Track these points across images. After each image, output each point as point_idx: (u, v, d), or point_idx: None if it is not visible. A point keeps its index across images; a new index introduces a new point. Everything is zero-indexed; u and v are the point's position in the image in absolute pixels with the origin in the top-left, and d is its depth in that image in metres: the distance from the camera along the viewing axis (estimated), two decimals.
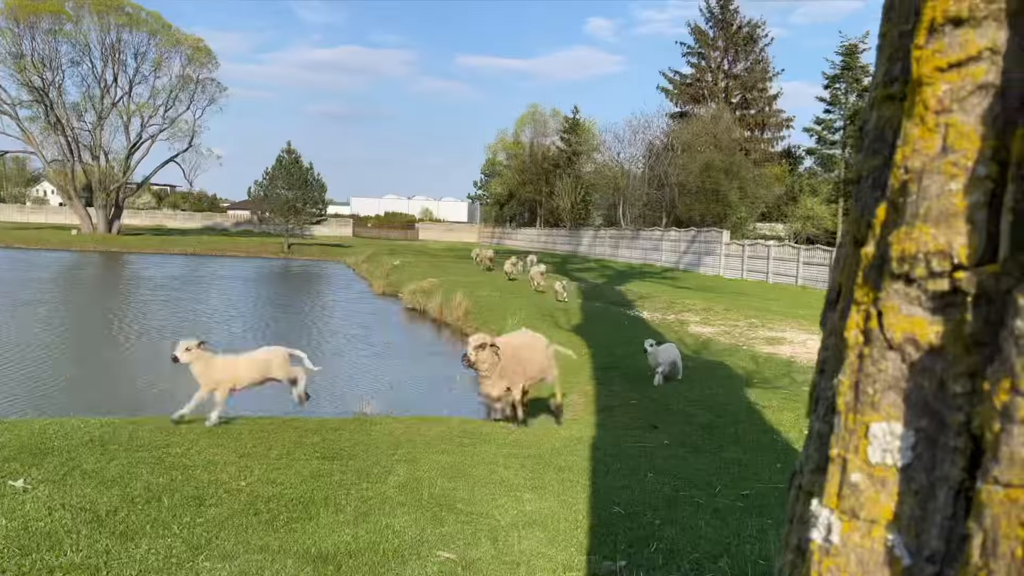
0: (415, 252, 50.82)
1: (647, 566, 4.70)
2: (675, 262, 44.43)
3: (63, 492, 5.38)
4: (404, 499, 5.69)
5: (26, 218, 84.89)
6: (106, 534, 4.78)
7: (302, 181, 56.09)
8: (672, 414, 9.46)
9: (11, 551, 4.46)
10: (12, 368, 14.40)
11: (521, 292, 24.66)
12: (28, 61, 56.40)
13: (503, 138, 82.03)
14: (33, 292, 27.71)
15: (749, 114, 57.67)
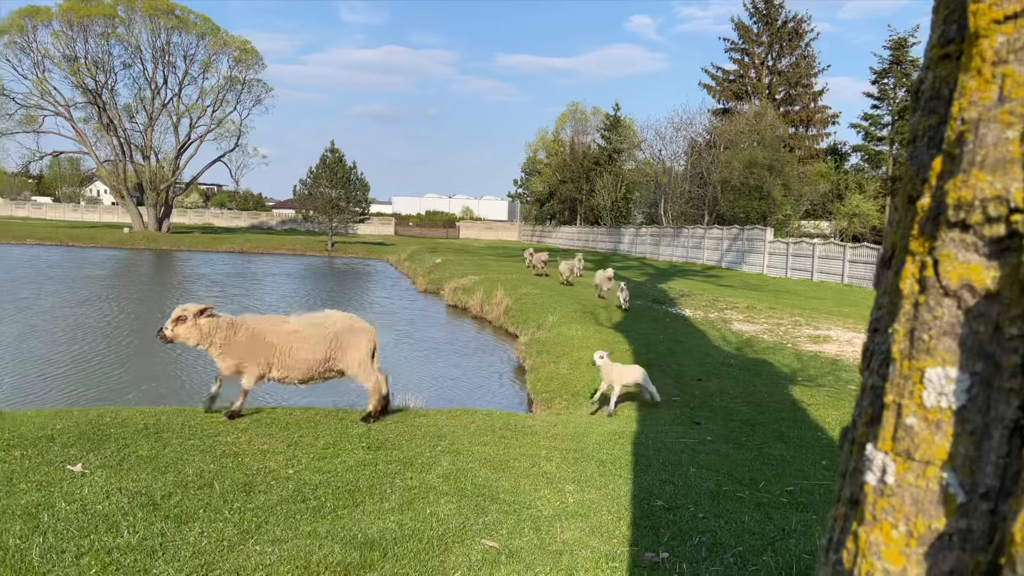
0: (456, 250, 51.09)
1: (690, 559, 4.70)
2: (717, 260, 43.97)
3: (119, 477, 5.56)
4: (448, 488, 5.75)
5: (80, 217, 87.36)
6: (161, 517, 4.93)
7: (345, 180, 56.76)
8: (714, 411, 9.39)
9: (71, 532, 4.63)
10: (74, 360, 14.88)
11: (563, 289, 24.64)
12: (82, 64, 58.01)
13: (543, 136, 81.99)
14: (93, 289, 28.54)
15: (793, 110, 56.81)
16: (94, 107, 60.07)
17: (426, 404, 9.67)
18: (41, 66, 58.15)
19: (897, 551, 0.69)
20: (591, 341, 14.40)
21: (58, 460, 5.79)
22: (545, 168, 79.89)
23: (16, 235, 54.00)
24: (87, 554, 4.37)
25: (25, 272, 33.68)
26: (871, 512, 0.72)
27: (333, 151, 57.15)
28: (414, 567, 4.43)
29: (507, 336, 19.88)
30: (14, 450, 5.93)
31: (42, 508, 4.92)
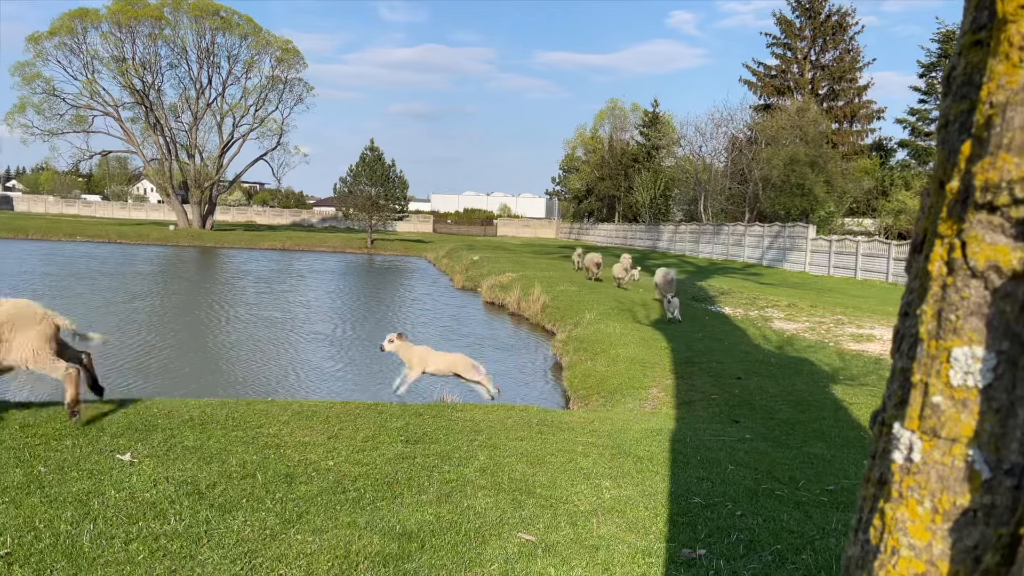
0: (494, 248, 51.23)
1: (727, 556, 4.68)
2: (758, 258, 43.43)
3: (166, 466, 5.71)
4: (485, 482, 5.80)
5: (128, 214, 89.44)
6: (206, 506, 5.05)
7: (384, 178, 57.27)
8: (754, 409, 9.30)
9: (120, 519, 4.77)
10: (124, 352, 15.27)
11: (599, 287, 24.56)
12: (130, 64, 59.39)
13: (582, 133, 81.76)
14: (143, 285, 29.26)
15: (837, 106, 55.78)
16: (141, 107, 61.48)
17: (463, 399, 9.74)
18: (90, 67, 59.72)
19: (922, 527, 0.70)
20: (629, 338, 14.36)
21: (108, 449, 5.96)
22: (583, 165, 79.67)
23: (67, 232, 55.51)
24: (135, 540, 4.51)
25: (79, 268, 34.64)
26: (898, 490, 0.73)
27: (372, 149, 57.69)
28: (451, 559, 4.48)
29: (544, 333, 19.91)
30: (66, 439, 6.12)
31: (92, 495, 5.08)
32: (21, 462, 5.56)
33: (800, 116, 48.95)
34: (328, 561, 4.33)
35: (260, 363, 15.28)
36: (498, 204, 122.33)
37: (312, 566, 4.27)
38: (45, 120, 58.96)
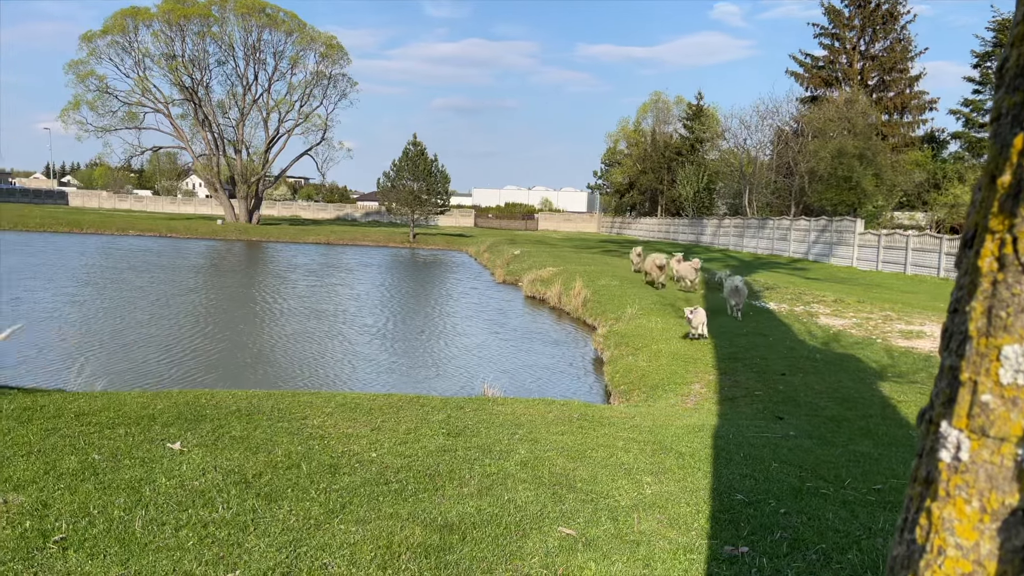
0: (535, 242, 51.20)
1: (771, 554, 4.62)
2: (804, 252, 42.69)
3: (214, 455, 5.85)
4: (525, 476, 5.82)
5: (178, 209, 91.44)
6: (252, 495, 5.16)
7: (427, 172, 57.62)
8: (798, 406, 9.17)
9: (170, 506, 4.90)
10: (177, 343, 15.66)
11: (640, 280, 24.40)
12: (179, 62, 60.64)
13: (624, 126, 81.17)
14: (199, 278, 29.93)
15: (887, 96, 54.44)
16: (190, 104, 62.75)
17: (504, 392, 9.77)
18: (142, 64, 61.12)
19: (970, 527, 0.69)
20: (671, 334, 14.25)
21: (159, 438, 6.12)
22: (626, 159, 79.13)
23: (119, 226, 56.95)
24: (185, 527, 4.63)
25: (136, 262, 35.54)
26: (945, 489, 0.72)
27: (415, 144, 58.06)
28: (492, 551, 4.51)
29: (585, 327, 19.85)
30: (119, 428, 6.30)
31: (144, 483, 5.23)
32: (76, 450, 5.74)
33: (848, 107, 47.91)
34: (371, 551, 4.39)
35: (306, 355, 15.52)
36: (539, 198, 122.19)
37: (355, 555, 4.33)
38: (98, 117, 60.61)
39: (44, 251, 38.55)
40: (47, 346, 15.09)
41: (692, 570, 4.38)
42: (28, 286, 24.15)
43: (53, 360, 13.79)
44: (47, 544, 4.28)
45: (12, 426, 6.15)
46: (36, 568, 3.98)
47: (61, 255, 36.85)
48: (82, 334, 16.48)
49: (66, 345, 15.16)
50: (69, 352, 14.47)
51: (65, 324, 17.72)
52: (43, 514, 4.64)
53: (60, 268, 30.80)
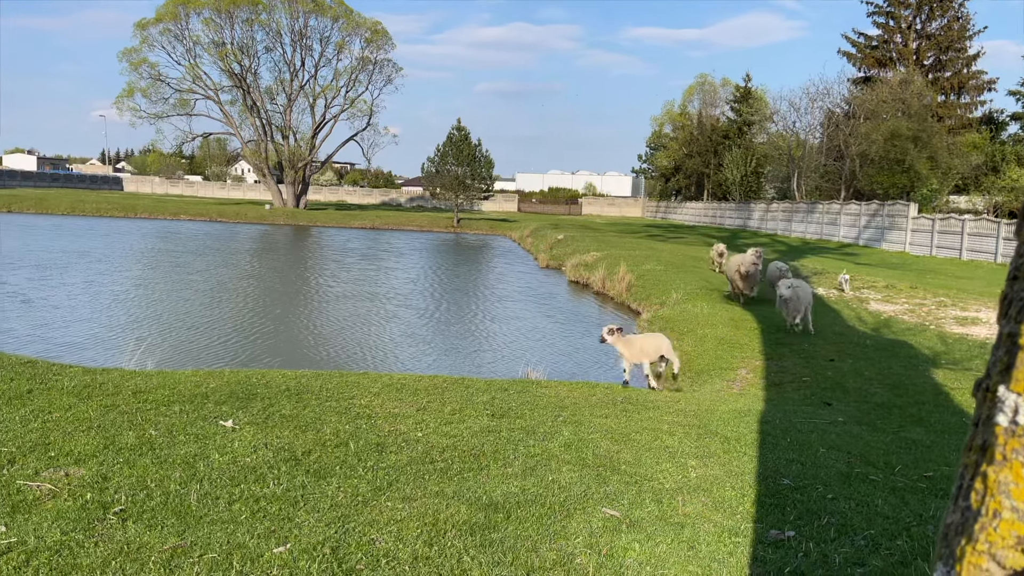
0: (578, 227, 50.98)
1: (817, 538, 4.58)
2: (854, 237, 41.77)
3: (265, 433, 5.99)
4: (569, 457, 5.84)
5: (227, 194, 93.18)
6: (302, 471, 5.28)
7: (471, 157, 57.71)
8: (847, 392, 9.02)
9: (223, 481, 5.04)
10: (232, 325, 16.02)
11: (685, 265, 24.17)
12: (229, 49, 61.59)
13: (670, 110, 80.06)
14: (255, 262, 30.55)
15: (944, 77, 52.76)
16: (239, 90, 63.75)
17: (547, 376, 9.80)
18: (192, 52, 62.24)
19: None
20: (717, 319, 14.11)
21: (212, 416, 6.29)
22: (671, 142, 78.14)
23: (172, 211, 58.28)
24: (238, 501, 4.76)
25: (193, 246, 36.34)
26: (1001, 452, 0.72)
27: (459, 129, 58.16)
28: (536, 530, 4.55)
29: (629, 312, 19.75)
30: (174, 405, 6.49)
31: (198, 458, 5.39)
32: (134, 425, 5.93)
33: (903, 88, 46.57)
34: (417, 528, 4.46)
35: (352, 337, 15.77)
36: (583, 183, 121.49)
37: (402, 532, 4.41)
38: (151, 104, 61.96)
39: (108, 235, 39.66)
40: (111, 327, 15.57)
41: (737, 553, 4.37)
42: (98, 269, 24.89)
43: (113, 340, 14.23)
44: (107, 515, 4.45)
45: (73, 402, 6.38)
46: (97, 538, 4.14)
47: (123, 239, 37.86)
48: (145, 316, 16.96)
49: (128, 326, 15.63)
50: (129, 332, 14.92)
51: (132, 306, 18.24)
52: (103, 487, 4.82)
53: (125, 252, 31.67)
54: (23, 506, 4.48)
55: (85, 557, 3.92)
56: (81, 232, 39.60)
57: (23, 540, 4.05)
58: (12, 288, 19.10)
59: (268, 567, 3.93)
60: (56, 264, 25.29)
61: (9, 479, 4.83)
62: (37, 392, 6.59)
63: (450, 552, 4.21)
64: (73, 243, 33.85)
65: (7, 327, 13.98)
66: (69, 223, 46.07)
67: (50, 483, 4.81)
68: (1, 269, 23.08)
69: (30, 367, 7.43)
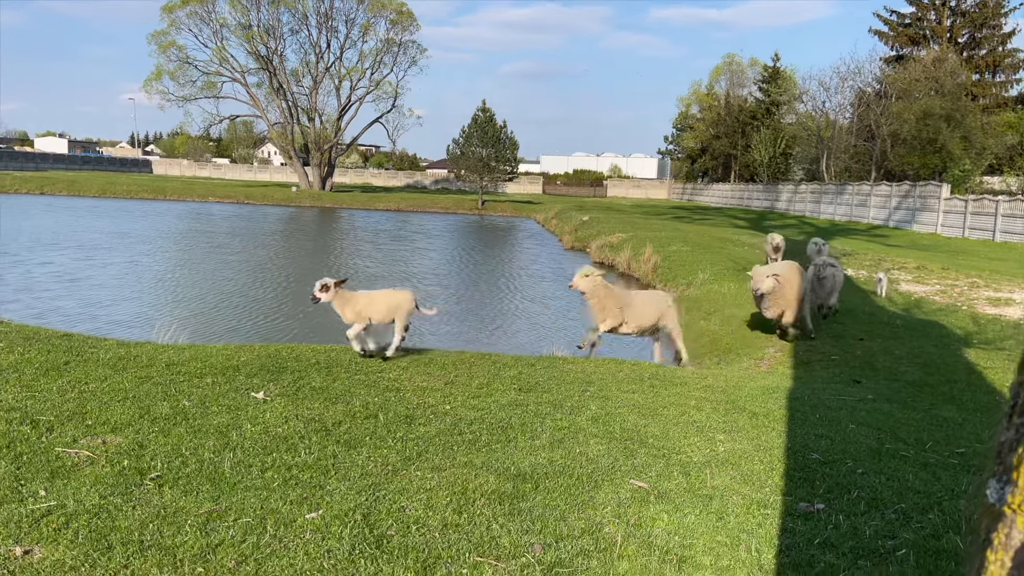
0: (603, 208, 50.74)
1: (847, 512, 4.56)
2: (884, 219, 41.16)
3: (296, 404, 6.07)
4: (596, 431, 5.86)
5: (254, 176, 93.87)
6: (332, 442, 5.35)
7: (495, 139, 57.55)
8: (877, 371, 8.93)
9: (256, 450, 5.12)
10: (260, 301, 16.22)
11: (712, 246, 24.00)
12: (255, 31, 61.81)
13: (697, 90, 79.21)
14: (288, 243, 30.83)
15: (978, 55, 51.59)
16: (266, 72, 64.04)
17: (573, 353, 9.80)
18: (219, 35, 62.55)
19: None
20: (744, 299, 13.99)
21: (243, 388, 6.38)
22: (698, 123, 77.33)
23: (200, 193, 58.86)
24: (270, 469, 4.84)
25: (227, 227, 36.67)
26: None
27: (484, 110, 58.00)
28: (565, 500, 4.58)
29: None
30: (206, 377, 6.59)
31: (231, 428, 5.47)
32: (168, 396, 6.04)
33: (936, 67, 45.63)
34: (447, 496, 4.50)
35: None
36: (608, 165, 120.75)
37: (432, 500, 4.46)
38: (179, 87, 62.47)
39: (145, 216, 40.13)
40: (156, 305, 15.82)
41: (766, 524, 4.37)
42: (141, 250, 25.22)
43: (158, 318, 14.47)
44: (144, 480, 4.54)
45: (108, 374, 6.50)
46: (135, 502, 4.23)
47: (159, 220, 38.27)
48: (187, 295, 17.20)
49: (171, 304, 15.86)
50: (172, 310, 15.15)
51: (175, 286, 18.48)
52: (139, 454, 4.92)
53: (164, 233, 32.03)
54: (62, 472, 4.59)
55: (123, 520, 4.01)
56: (116, 213, 40.13)
57: (62, 504, 4.15)
58: (59, 268, 19.43)
59: (301, 531, 3.99)
60: (99, 244, 25.68)
61: (48, 446, 4.94)
62: (74, 364, 6.72)
63: (479, 520, 4.25)
64: (112, 224, 34.31)
65: (57, 305, 14.27)
66: (105, 204, 46.69)
67: (88, 450, 4.92)
68: (45, 249, 23.48)
69: (66, 340, 7.58)
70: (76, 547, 3.71)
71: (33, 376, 6.31)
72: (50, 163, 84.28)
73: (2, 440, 4.95)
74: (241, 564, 3.64)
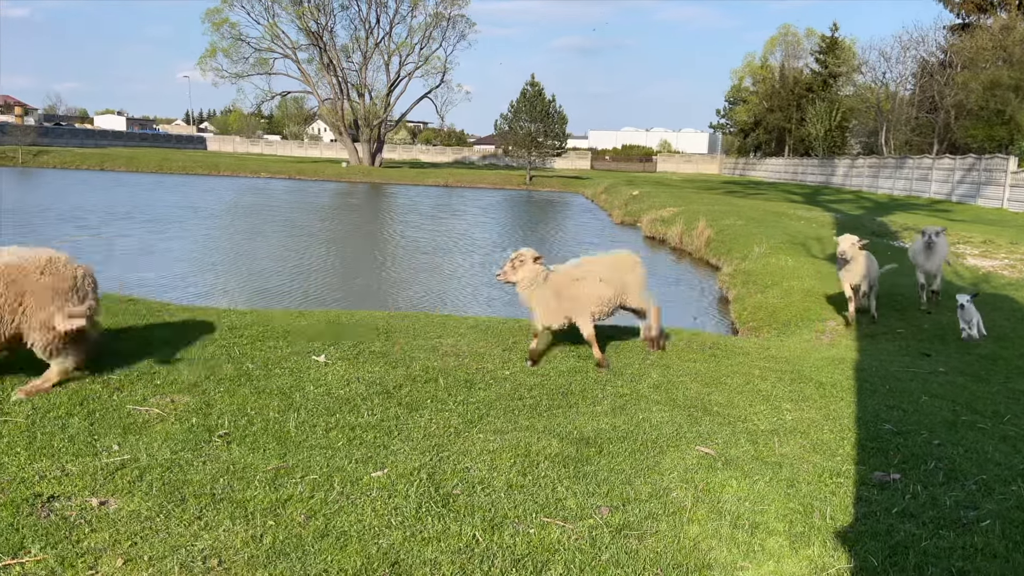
0: (653, 183, 50.05)
1: (925, 482, 4.41)
2: (946, 193, 39.78)
3: (356, 368, 6.09)
4: (659, 398, 5.76)
5: (304, 152, 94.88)
6: (394, 404, 5.36)
7: (544, 114, 57.00)
8: (947, 344, 8.63)
9: (319, 411, 5.15)
10: (321, 271, 16.41)
11: (767, 220, 23.48)
12: (306, 8, 62.10)
13: (750, 62, 77.29)
14: (348, 218, 31.18)
15: None
16: (316, 48, 64.36)
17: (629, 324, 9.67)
18: (271, 11, 62.95)
19: None
20: (803, 272, 13.67)
21: (304, 351, 6.43)
22: (751, 96, 75.57)
23: (252, 169, 59.71)
24: (334, 429, 4.86)
25: (288, 202, 37.11)
26: None
27: (533, 84, 57.45)
28: (629, 464, 4.51)
29: (708, 267, 19.35)
30: (268, 341, 6.66)
31: (294, 389, 5.52)
32: (232, 359, 6.11)
33: (1004, 35, 43.67)
34: (510, 458, 4.47)
35: (437, 284, 16.06)
36: (658, 140, 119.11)
37: (496, 462, 4.43)
38: (232, 64, 63.14)
39: (210, 191, 40.79)
40: (241, 276, 16.12)
41: (840, 493, 4.24)
42: (214, 224, 25.65)
43: (211, 283, 14.78)
44: (212, 438, 4.60)
45: (174, 336, 6.61)
46: (204, 458, 4.29)
47: (222, 195, 38.83)
48: (263, 267, 17.46)
49: (251, 276, 16.13)
50: (251, 281, 15.44)
51: (253, 259, 18.74)
52: (207, 413, 4.99)
53: (231, 207, 32.50)
54: (133, 428, 4.68)
55: (195, 474, 4.07)
56: (181, 188, 40.86)
57: (136, 458, 4.23)
58: (138, 241, 19.84)
59: (368, 489, 4.00)
60: (172, 218, 26.15)
61: (120, 404, 5.04)
62: (141, 327, 6.85)
63: (544, 482, 4.22)
64: (183, 198, 34.88)
65: (142, 276, 14.62)
66: (168, 180, 47.62)
67: (158, 408, 5.01)
68: (121, 222, 24.01)
69: (132, 304, 7.73)
70: (151, 499, 3.77)
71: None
72: (109, 140, 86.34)
73: (75, 397, 5.07)
74: (310, 519, 3.66)
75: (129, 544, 3.36)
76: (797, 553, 3.60)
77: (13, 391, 5.10)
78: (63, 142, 72.68)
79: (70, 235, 20.13)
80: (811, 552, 3.60)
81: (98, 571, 3.16)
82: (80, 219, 24.10)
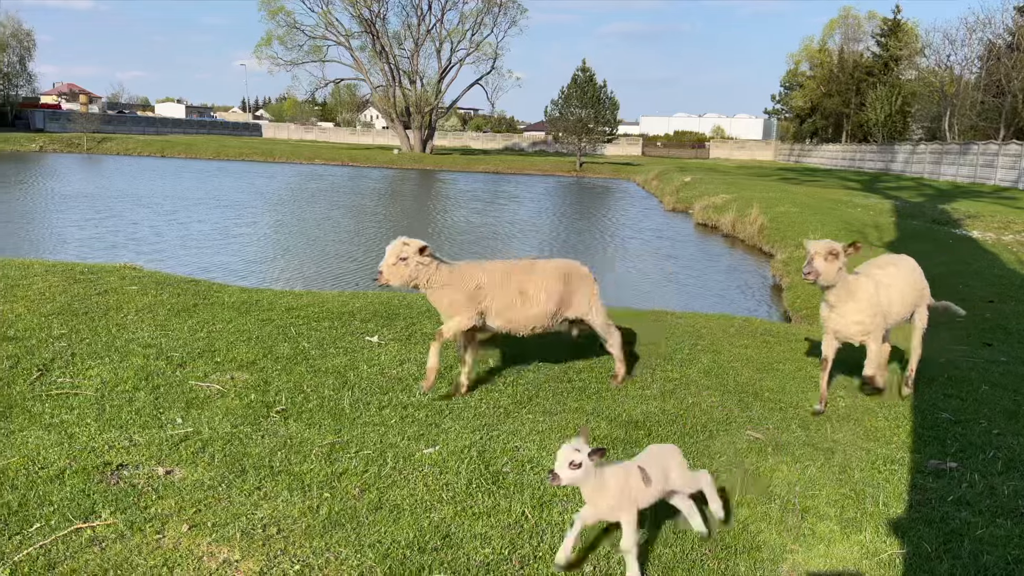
0: (706, 170, 49.34)
1: (983, 471, 4.32)
2: (1013, 180, 38.38)
3: (408, 348, 6.20)
4: (709, 383, 5.74)
5: (357, 139, 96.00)
6: (445, 384, 5.43)
7: (595, 99, 56.59)
8: (1010, 334, 8.39)
9: (373, 390, 5.27)
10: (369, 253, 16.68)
11: (823, 208, 23.00)
12: None
13: (808, 46, 75.48)
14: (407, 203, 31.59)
15: None
16: (368, 35, 64.86)
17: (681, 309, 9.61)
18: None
19: None
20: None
21: (358, 332, 6.57)
22: (808, 81, 73.85)
23: (307, 156, 60.64)
24: (387, 407, 4.97)
25: (350, 188, 37.60)
26: None
27: (584, 70, 57.05)
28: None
29: (761, 255, 19.06)
30: (324, 321, 6.82)
31: (348, 369, 5.65)
32: (288, 338, 6.28)
33: None
34: (559, 439, 4.51)
35: None
36: (710, 126, 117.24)
37: (545, 442, 4.48)
38: (287, 51, 64.08)
39: (273, 177, 41.52)
40: (319, 260, 16.46)
41: (894, 480, 4.19)
42: (284, 210, 26.12)
43: (314, 275, 15.04)
44: (270, 413, 4.75)
45: (233, 316, 6.81)
46: (263, 432, 4.44)
47: (285, 181, 39.48)
48: (336, 251, 17.76)
49: (326, 260, 16.41)
50: (325, 265, 15.72)
51: (324, 243, 19.07)
52: (265, 390, 5.14)
53: (295, 193, 33.04)
54: (196, 403, 4.86)
55: (254, 447, 4.22)
56: (244, 175, 41.63)
57: (198, 431, 4.39)
58: (214, 227, 20.31)
59: (420, 465, 4.09)
60: (242, 204, 26.69)
61: (182, 379, 5.23)
62: (201, 307, 7.08)
63: None
64: (249, 184, 35.52)
65: (221, 261, 15.00)
66: (229, 167, 48.61)
67: (218, 384, 5.18)
68: (194, 207, 24.64)
69: (193, 285, 7.98)
70: (213, 469, 3.93)
71: (165, 317, 6.68)
72: (169, 127, 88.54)
73: (140, 373, 5.27)
74: (364, 492, 3.77)
75: (194, 511, 3.51)
76: (848, 538, 3.58)
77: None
78: (125, 129, 74.82)
79: (148, 220, 20.68)
80: (862, 537, 3.58)
81: (165, 535, 3.30)
82: (156, 204, 24.74)
